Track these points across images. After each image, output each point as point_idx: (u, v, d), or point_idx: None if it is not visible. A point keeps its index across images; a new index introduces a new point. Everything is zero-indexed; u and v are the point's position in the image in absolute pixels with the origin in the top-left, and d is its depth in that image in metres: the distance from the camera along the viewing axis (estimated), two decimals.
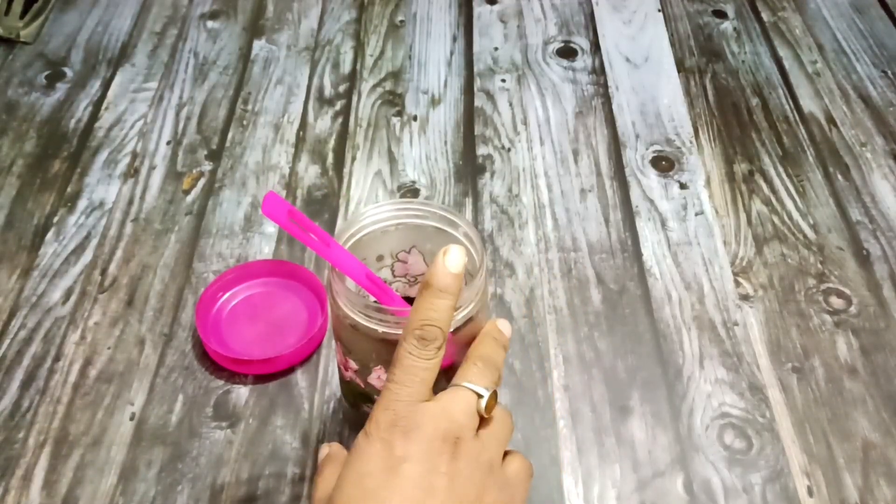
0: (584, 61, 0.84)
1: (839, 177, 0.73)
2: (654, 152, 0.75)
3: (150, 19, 0.88)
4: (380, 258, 0.49)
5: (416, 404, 0.38)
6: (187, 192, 0.70)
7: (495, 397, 0.40)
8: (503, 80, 0.81)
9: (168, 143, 0.75)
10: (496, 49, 0.85)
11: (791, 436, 0.55)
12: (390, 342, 0.43)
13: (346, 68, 0.83)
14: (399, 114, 0.78)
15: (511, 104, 0.79)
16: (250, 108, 0.78)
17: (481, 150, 0.74)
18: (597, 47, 0.86)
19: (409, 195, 0.70)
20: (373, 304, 0.43)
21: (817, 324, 0.62)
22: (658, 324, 0.62)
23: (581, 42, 0.86)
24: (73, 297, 0.62)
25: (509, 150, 0.75)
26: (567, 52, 0.85)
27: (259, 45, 0.85)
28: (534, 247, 0.67)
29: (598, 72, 0.83)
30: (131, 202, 0.70)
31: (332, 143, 0.75)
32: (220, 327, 0.60)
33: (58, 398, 0.57)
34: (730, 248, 0.67)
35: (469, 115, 0.78)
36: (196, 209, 0.69)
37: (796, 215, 0.70)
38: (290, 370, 0.58)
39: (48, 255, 0.65)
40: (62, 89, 0.80)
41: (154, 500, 0.52)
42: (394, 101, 0.79)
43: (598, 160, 0.74)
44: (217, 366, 0.58)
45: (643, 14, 0.90)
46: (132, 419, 0.56)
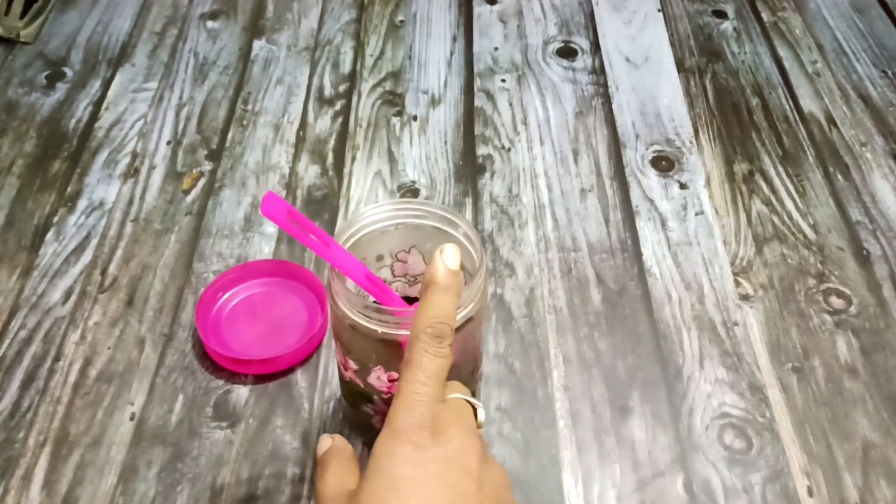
0: (584, 61, 0.84)
1: (839, 177, 0.73)
2: (654, 152, 0.75)
3: (150, 19, 0.88)
4: (379, 258, 0.49)
5: (440, 404, 0.38)
6: (187, 192, 0.70)
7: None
8: (503, 80, 0.82)
9: (168, 143, 0.75)
10: (496, 49, 0.85)
11: (791, 436, 0.55)
12: (389, 342, 0.43)
13: (346, 68, 0.83)
14: (399, 114, 0.78)
15: (511, 104, 0.79)
16: (250, 108, 0.78)
17: (481, 150, 0.75)
18: (597, 47, 0.86)
19: (409, 195, 0.70)
20: (372, 304, 0.43)
21: (817, 324, 0.62)
22: (658, 324, 0.62)
23: (581, 42, 0.86)
24: (73, 297, 0.62)
25: (509, 150, 0.75)
26: (567, 52, 0.85)
27: (259, 45, 0.85)
28: (534, 247, 0.67)
29: (598, 72, 0.83)
30: (131, 202, 0.70)
31: (332, 143, 0.75)
32: (220, 327, 0.60)
33: (58, 398, 0.57)
34: (730, 248, 0.67)
35: (469, 115, 0.78)
36: (196, 209, 0.69)
37: (796, 215, 0.70)
38: (290, 370, 0.58)
39: (48, 255, 0.65)
40: (62, 89, 0.80)
41: (154, 500, 0.52)
42: (394, 101, 0.79)
43: (598, 160, 0.74)
44: (217, 366, 0.58)
45: (643, 14, 0.90)
46: (132, 419, 0.56)
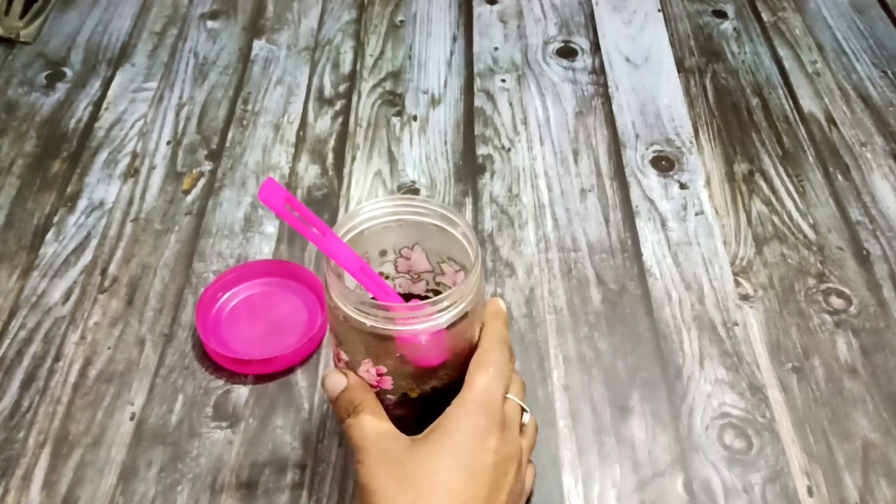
0: (584, 61, 0.84)
1: (839, 177, 0.73)
2: (654, 152, 0.75)
3: (150, 19, 0.88)
4: (382, 253, 0.49)
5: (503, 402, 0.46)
6: (187, 192, 0.70)
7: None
8: (503, 80, 0.82)
9: (168, 143, 0.75)
10: (496, 49, 0.85)
11: (791, 436, 0.55)
12: (379, 336, 0.43)
13: (346, 68, 0.83)
14: (399, 114, 0.78)
15: (511, 104, 0.79)
16: (250, 108, 0.78)
17: (481, 150, 0.75)
18: (597, 47, 0.86)
19: (409, 195, 0.70)
20: (364, 299, 0.43)
21: (817, 324, 0.62)
22: (658, 324, 0.61)
23: (581, 42, 0.86)
24: (73, 297, 0.62)
25: (509, 150, 0.75)
26: (567, 52, 0.85)
27: (259, 45, 0.85)
28: (534, 247, 0.67)
29: (598, 72, 0.83)
30: (131, 202, 0.70)
31: (332, 143, 0.75)
32: (220, 327, 0.60)
33: (58, 398, 0.57)
34: (730, 248, 0.67)
35: (469, 115, 0.78)
36: (196, 209, 0.69)
37: (796, 215, 0.70)
38: (290, 370, 0.58)
39: (48, 255, 0.65)
40: (62, 89, 0.80)
41: (154, 500, 0.52)
42: (394, 101, 0.79)
43: (598, 160, 0.74)
44: (217, 366, 0.58)
45: (643, 14, 0.90)
46: (132, 419, 0.56)
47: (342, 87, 0.81)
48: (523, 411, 0.47)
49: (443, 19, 0.89)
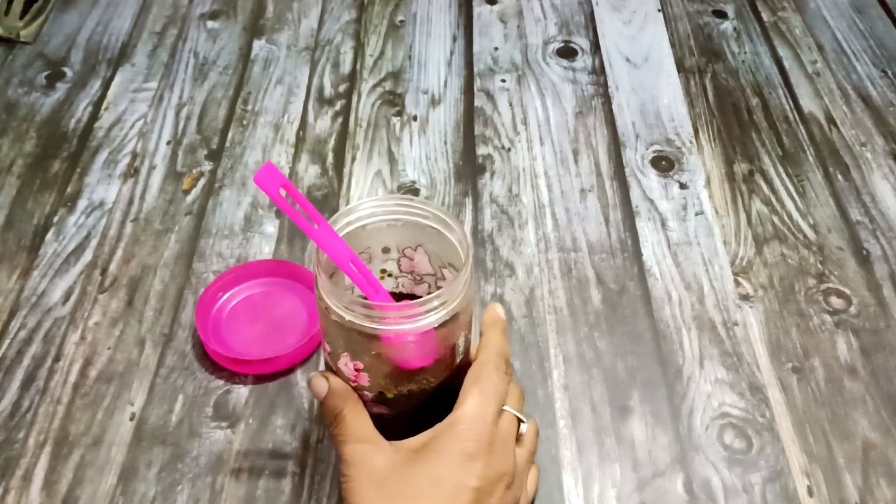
0: (584, 61, 0.84)
1: (839, 177, 0.73)
2: (654, 152, 0.75)
3: (150, 19, 0.88)
4: (386, 250, 0.50)
5: (496, 423, 0.45)
6: (187, 192, 0.70)
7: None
8: (503, 80, 0.82)
9: (168, 143, 0.75)
10: (496, 49, 0.85)
11: (791, 436, 0.55)
12: (358, 332, 0.43)
13: (346, 68, 0.83)
14: (399, 114, 0.78)
15: (511, 104, 0.79)
16: (250, 108, 0.78)
17: (481, 150, 0.75)
18: (597, 47, 0.86)
19: (409, 195, 0.70)
20: (345, 293, 0.43)
21: (817, 324, 0.62)
22: (658, 324, 0.62)
23: (581, 42, 0.86)
24: (73, 298, 0.62)
25: (509, 150, 0.75)
26: (567, 52, 0.85)
27: (259, 45, 0.85)
28: (534, 247, 0.67)
29: (598, 72, 0.83)
30: (131, 202, 0.70)
31: (332, 143, 0.75)
32: (220, 327, 0.60)
33: (58, 398, 0.57)
34: (730, 248, 0.67)
35: (469, 115, 0.78)
36: (196, 209, 0.69)
37: (796, 215, 0.70)
38: (290, 370, 0.58)
39: (48, 255, 0.65)
40: (62, 89, 0.80)
41: (154, 500, 0.52)
42: (394, 101, 0.79)
43: (598, 160, 0.74)
44: (217, 366, 0.58)
45: (643, 14, 0.90)
46: (132, 419, 0.56)
47: (342, 87, 0.81)
48: (520, 422, 0.46)
49: (443, 19, 0.89)
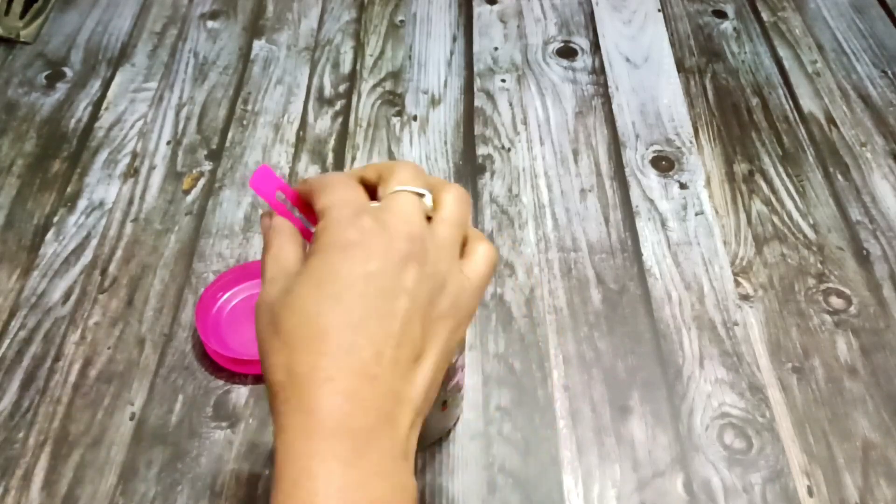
0: (584, 61, 0.84)
1: (839, 177, 0.73)
2: (654, 152, 0.75)
3: (150, 19, 0.88)
4: None
5: (373, 205, 0.37)
6: (187, 192, 0.70)
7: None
8: (503, 80, 0.82)
9: (168, 143, 0.75)
10: (496, 49, 0.85)
11: (791, 436, 0.55)
12: None
13: (346, 68, 0.83)
14: (399, 114, 0.78)
15: (511, 104, 0.79)
16: (250, 108, 0.78)
17: (481, 150, 0.75)
18: (597, 47, 0.86)
19: None
20: None
21: (817, 324, 0.62)
22: (658, 324, 0.61)
23: (581, 42, 0.86)
24: (73, 297, 0.62)
25: (509, 150, 0.75)
26: (567, 52, 0.85)
27: (259, 45, 0.85)
28: (534, 247, 0.67)
29: (598, 72, 0.83)
30: (131, 202, 0.70)
31: (332, 143, 0.75)
32: (220, 327, 0.60)
33: (58, 398, 0.57)
34: (730, 248, 0.67)
35: (469, 115, 0.78)
36: (196, 209, 0.69)
37: (796, 215, 0.70)
38: None
39: (48, 255, 0.65)
40: (62, 89, 0.80)
41: (154, 500, 0.52)
42: (394, 101, 0.79)
43: (597, 160, 0.74)
44: (217, 366, 0.58)
45: (643, 14, 0.90)
46: (132, 419, 0.56)
47: (342, 87, 0.81)
48: (419, 196, 0.37)
49: (443, 19, 0.89)
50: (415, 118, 0.77)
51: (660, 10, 0.91)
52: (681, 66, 0.84)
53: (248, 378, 0.58)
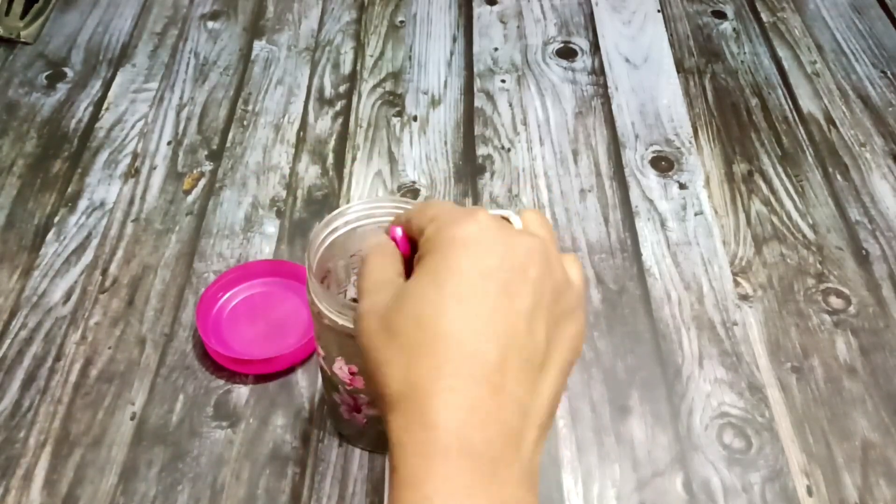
0: (583, 62, 0.84)
1: (838, 177, 0.73)
2: (654, 152, 0.75)
3: (151, 20, 0.88)
4: None
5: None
6: (188, 193, 0.71)
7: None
8: (503, 81, 0.82)
9: (169, 143, 0.75)
10: (496, 49, 0.85)
11: (790, 435, 0.55)
12: (350, 335, 0.43)
13: (346, 69, 0.83)
14: (399, 114, 0.78)
15: (511, 104, 0.79)
16: (251, 108, 0.78)
17: (481, 151, 0.75)
18: (596, 48, 0.86)
19: (409, 195, 0.70)
20: (337, 297, 0.43)
21: (816, 324, 0.62)
22: (657, 324, 0.62)
23: (581, 42, 0.86)
24: (74, 297, 0.63)
25: (509, 150, 0.75)
26: (567, 53, 0.85)
27: (259, 46, 0.85)
28: None
29: (598, 72, 0.83)
30: (132, 202, 0.70)
31: (332, 143, 0.75)
32: (221, 327, 0.60)
33: (58, 398, 0.57)
34: (729, 248, 0.67)
35: (469, 115, 0.78)
36: (197, 209, 0.69)
37: (795, 215, 0.70)
38: (291, 370, 0.58)
39: (49, 255, 0.65)
40: (63, 89, 0.80)
41: (155, 500, 0.52)
42: (394, 101, 0.79)
43: (597, 160, 0.74)
44: (217, 365, 0.58)
45: (643, 14, 0.90)
46: (133, 419, 0.56)
47: (342, 88, 0.81)
48: (505, 219, 0.36)
49: (443, 20, 0.89)
50: (415, 118, 0.78)
51: (659, 11, 0.91)
52: (680, 67, 0.84)
53: (248, 378, 0.58)
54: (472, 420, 0.29)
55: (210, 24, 0.88)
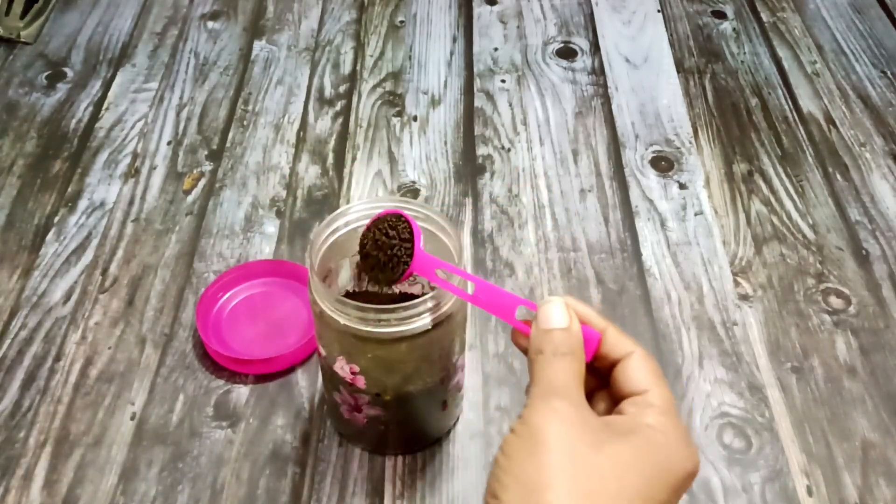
0: (583, 62, 0.84)
1: (838, 177, 0.73)
2: (654, 152, 0.75)
3: (151, 20, 0.88)
4: None
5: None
6: (188, 193, 0.71)
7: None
8: (503, 81, 0.82)
9: (169, 143, 0.75)
10: (496, 49, 0.85)
11: (790, 435, 0.55)
12: (351, 335, 0.43)
13: (346, 69, 0.83)
14: (399, 114, 0.78)
15: (511, 104, 0.79)
16: (251, 108, 0.78)
17: (481, 151, 0.75)
18: (596, 48, 0.86)
19: (409, 195, 0.70)
20: (338, 296, 0.43)
21: (816, 324, 0.62)
22: (657, 324, 0.62)
23: (581, 42, 0.86)
24: (74, 297, 0.63)
25: (509, 150, 0.75)
26: (567, 53, 0.85)
27: (259, 46, 0.85)
28: (533, 247, 0.67)
29: (598, 72, 0.83)
30: (132, 202, 0.70)
31: (332, 143, 0.75)
32: (221, 327, 0.60)
33: (58, 398, 0.57)
34: (729, 248, 0.67)
35: (469, 115, 0.78)
36: (196, 209, 0.69)
37: (795, 215, 0.70)
38: (291, 370, 0.58)
39: (49, 255, 0.65)
40: (63, 89, 0.80)
41: (155, 500, 0.52)
42: (394, 101, 0.79)
43: (597, 160, 0.74)
44: (217, 365, 0.58)
45: (643, 14, 0.90)
46: (133, 419, 0.56)
47: (342, 88, 0.81)
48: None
49: (443, 20, 0.89)
50: (415, 118, 0.78)
51: (659, 11, 0.91)
52: (680, 67, 0.84)
53: (248, 378, 0.58)
54: None
55: (210, 24, 0.88)
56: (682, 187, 0.72)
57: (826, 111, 0.79)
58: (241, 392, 0.57)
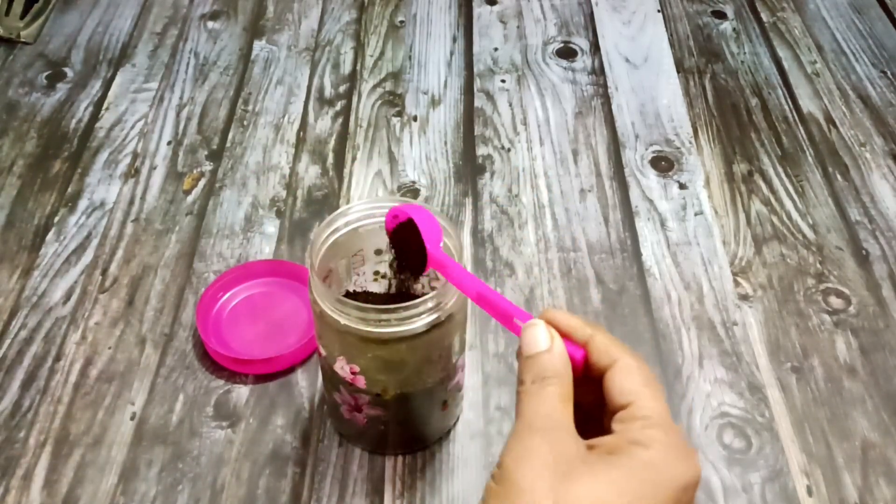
0: (583, 62, 0.84)
1: (838, 177, 0.73)
2: (654, 152, 0.75)
3: (151, 20, 0.88)
4: (378, 252, 0.50)
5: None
6: (188, 193, 0.71)
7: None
8: (503, 81, 0.82)
9: (169, 143, 0.75)
10: (496, 49, 0.85)
11: (790, 435, 0.55)
12: (352, 335, 0.43)
13: (346, 69, 0.83)
14: (399, 114, 0.78)
15: (511, 104, 0.79)
16: (251, 108, 0.78)
17: (481, 151, 0.75)
18: (596, 48, 0.86)
19: (409, 195, 0.71)
20: (337, 296, 0.43)
21: (816, 323, 0.62)
22: (657, 323, 0.62)
23: (581, 42, 0.86)
24: (74, 297, 0.63)
25: (509, 150, 0.75)
26: (567, 53, 0.85)
27: (259, 46, 0.85)
28: (533, 247, 0.67)
29: (598, 72, 0.83)
30: (132, 202, 0.70)
31: (332, 143, 0.75)
32: (221, 327, 0.60)
33: (58, 398, 0.57)
34: (729, 248, 0.67)
35: (469, 115, 0.78)
36: (197, 209, 0.69)
37: (795, 215, 0.70)
38: (291, 370, 0.58)
39: (49, 255, 0.65)
40: (63, 89, 0.80)
41: (155, 500, 0.52)
42: (394, 101, 0.79)
43: (597, 160, 0.74)
44: (217, 365, 0.58)
45: (643, 14, 0.90)
46: (133, 419, 0.56)
47: (342, 88, 0.81)
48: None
49: (443, 20, 0.89)
50: (415, 118, 0.78)
51: (659, 11, 0.91)
52: (680, 67, 0.84)
53: (248, 378, 0.58)
54: None
55: (210, 24, 0.88)
56: (682, 187, 0.72)
57: (826, 111, 0.79)
58: (241, 392, 0.57)
